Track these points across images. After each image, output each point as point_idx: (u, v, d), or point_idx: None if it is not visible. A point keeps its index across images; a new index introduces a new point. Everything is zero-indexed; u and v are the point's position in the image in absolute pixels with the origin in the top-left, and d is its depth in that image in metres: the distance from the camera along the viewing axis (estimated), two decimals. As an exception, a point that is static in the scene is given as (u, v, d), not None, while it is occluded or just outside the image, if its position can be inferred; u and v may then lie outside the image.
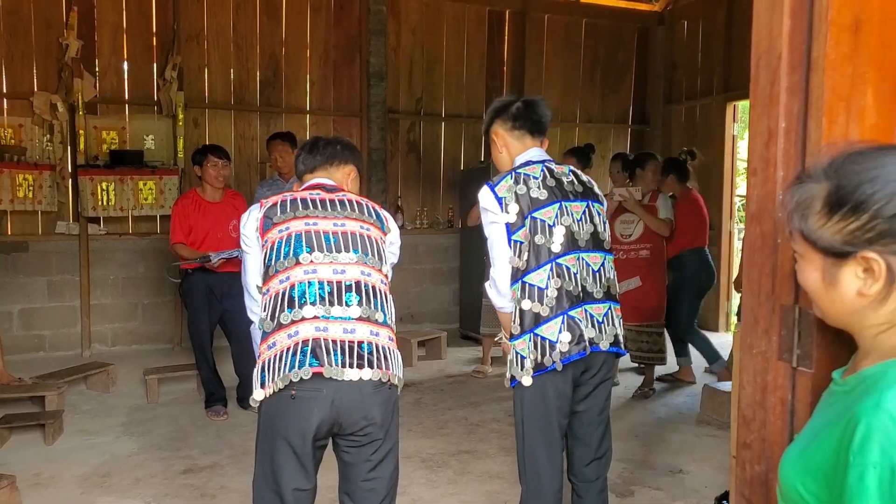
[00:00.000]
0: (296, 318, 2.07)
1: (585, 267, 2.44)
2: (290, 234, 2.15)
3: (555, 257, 2.36)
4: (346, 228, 2.21)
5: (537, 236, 2.35)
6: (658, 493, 3.59)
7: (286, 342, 2.06)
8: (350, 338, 2.09)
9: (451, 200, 7.68)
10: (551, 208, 2.38)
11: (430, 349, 6.43)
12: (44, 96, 6.06)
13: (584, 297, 2.42)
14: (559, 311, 2.35)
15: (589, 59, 8.17)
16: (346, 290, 2.12)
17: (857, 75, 1.16)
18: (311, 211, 2.20)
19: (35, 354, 6.12)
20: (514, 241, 2.37)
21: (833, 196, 1.02)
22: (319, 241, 2.15)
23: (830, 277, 1.05)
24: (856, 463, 0.94)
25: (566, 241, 2.38)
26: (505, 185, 2.39)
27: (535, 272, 2.35)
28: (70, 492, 3.54)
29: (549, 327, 2.34)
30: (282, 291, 2.10)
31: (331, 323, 2.07)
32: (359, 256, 2.18)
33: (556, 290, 2.35)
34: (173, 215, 4.77)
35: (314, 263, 2.12)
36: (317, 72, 7.09)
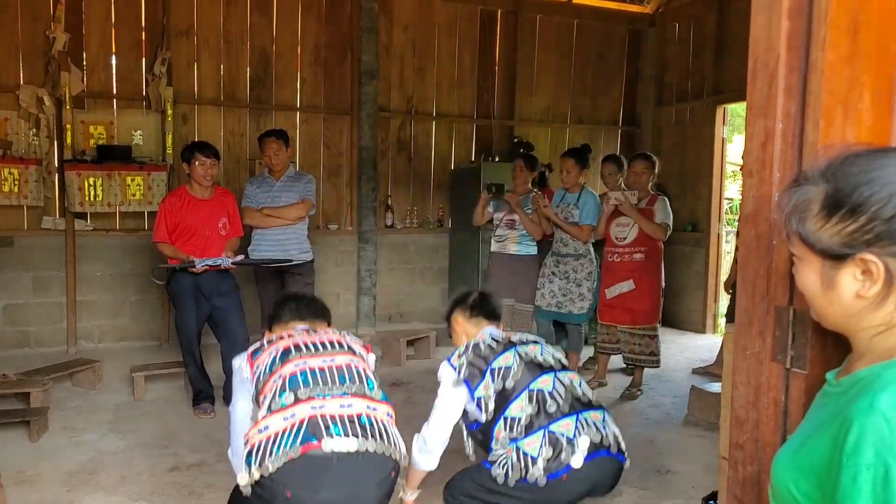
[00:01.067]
0: (289, 402, 2.08)
1: (568, 383, 2.63)
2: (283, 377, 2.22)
3: (526, 386, 2.54)
4: (331, 338, 2.41)
5: (499, 381, 2.56)
6: (646, 493, 3.60)
7: (282, 424, 2.06)
8: (347, 412, 2.11)
9: (441, 200, 7.67)
10: (506, 354, 2.63)
11: (419, 348, 6.42)
12: (30, 90, 5.99)
13: (577, 408, 2.57)
14: (538, 427, 2.48)
15: (580, 60, 8.18)
16: (339, 372, 2.20)
17: (854, 78, 1.16)
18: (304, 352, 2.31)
19: (20, 351, 6.06)
20: (479, 398, 2.59)
21: (831, 198, 1.02)
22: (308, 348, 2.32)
23: (828, 280, 1.05)
24: (849, 464, 0.94)
25: (532, 370, 2.59)
26: (457, 355, 2.70)
27: (511, 405, 2.52)
28: (55, 489, 3.51)
29: (529, 442, 2.46)
30: (276, 387, 2.15)
31: (326, 400, 2.10)
32: (343, 350, 2.37)
33: (533, 412, 2.51)
34: (159, 212, 4.73)
35: (304, 357, 2.24)
36: (307, 69, 7.06)
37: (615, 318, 5.14)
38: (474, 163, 7.40)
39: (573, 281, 5.30)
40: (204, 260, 4.54)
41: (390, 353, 6.21)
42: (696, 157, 7.71)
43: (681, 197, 7.66)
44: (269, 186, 5.21)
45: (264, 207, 5.13)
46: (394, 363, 6.07)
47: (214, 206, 4.75)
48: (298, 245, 5.22)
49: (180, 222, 4.65)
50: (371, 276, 7.23)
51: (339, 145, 7.22)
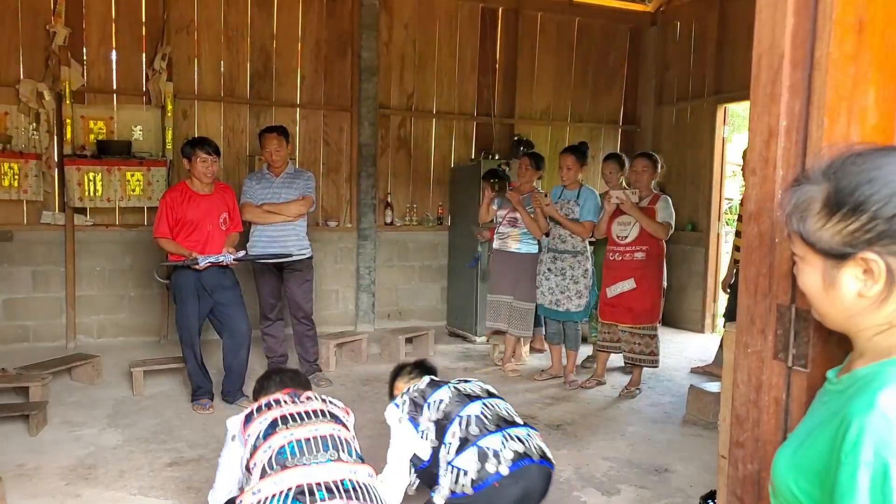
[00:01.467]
0: (279, 470, 2.28)
1: (496, 406, 2.91)
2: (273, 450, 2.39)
3: (457, 413, 2.82)
4: (315, 407, 2.60)
5: (435, 412, 2.87)
6: (644, 492, 3.60)
7: (272, 489, 2.23)
8: (332, 478, 2.29)
9: (440, 198, 7.67)
10: (441, 390, 2.95)
11: (417, 345, 6.42)
12: (30, 84, 5.98)
13: (503, 425, 2.81)
14: (468, 445, 2.72)
15: (581, 58, 8.17)
16: (322, 441, 2.42)
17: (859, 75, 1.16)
18: (291, 423, 2.49)
19: (19, 345, 6.06)
20: (422, 431, 2.88)
21: (832, 197, 1.02)
22: (294, 419, 2.50)
23: (830, 279, 1.05)
24: (848, 462, 0.94)
25: (463, 400, 2.88)
26: (400, 397, 3.04)
27: (447, 432, 2.79)
28: (54, 483, 3.50)
29: (461, 459, 2.70)
30: (266, 458, 2.35)
31: (312, 468, 2.29)
32: (326, 419, 2.55)
33: (462, 435, 2.76)
34: (160, 208, 4.72)
35: (290, 429, 2.43)
36: (308, 65, 7.06)
37: (616, 317, 5.14)
38: (474, 161, 7.39)
39: (570, 278, 5.30)
40: (207, 257, 4.55)
41: (389, 350, 6.21)
42: (696, 156, 7.71)
43: (680, 196, 7.65)
44: (268, 182, 5.20)
45: (264, 203, 5.13)
46: (392, 360, 6.06)
47: (215, 201, 4.75)
48: (298, 241, 5.21)
49: (181, 217, 4.64)
50: (370, 273, 7.23)
51: (339, 142, 7.22)
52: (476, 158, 7.45)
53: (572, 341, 5.46)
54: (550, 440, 3.25)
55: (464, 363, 6.12)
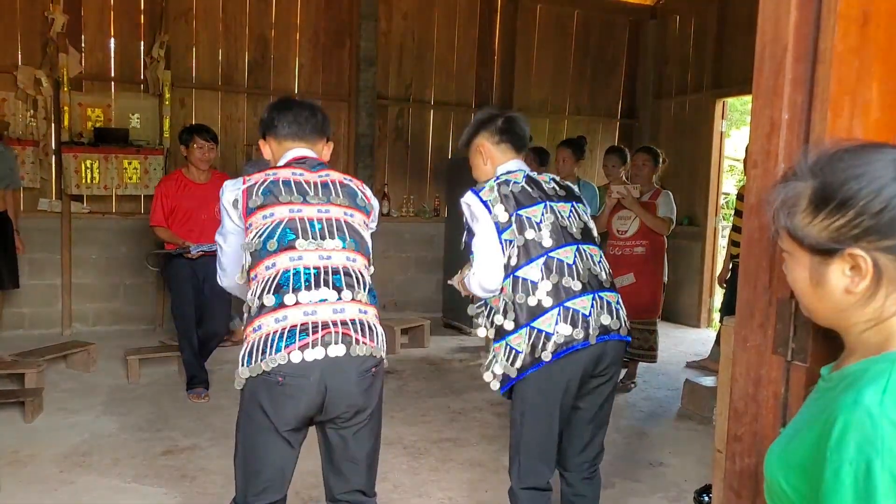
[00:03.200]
0: (283, 303, 2.06)
1: (589, 258, 2.47)
2: (274, 220, 2.14)
3: (546, 251, 2.38)
4: (331, 215, 2.21)
5: (527, 232, 2.39)
6: (638, 485, 3.61)
7: (273, 326, 2.05)
8: (340, 317, 2.10)
9: (438, 189, 7.66)
10: (537, 208, 2.44)
11: (413, 337, 6.42)
12: (28, 71, 5.96)
13: (595, 286, 2.43)
14: (555, 304, 2.34)
15: (580, 51, 8.16)
16: (334, 273, 2.13)
17: (863, 69, 1.15)
18: (296, 196, 2.18)
19: (15, 332, 6.04)
20: (504, 241, 2.41)
21: (819, 193, 1.02)
22: (304, 228, 2.14)
23: (818, 276, 1.05)
24: (833, 458, 0.94)
25: (557, 236, 2.41)
26: (488, 190, 2.46)
27: (526, 266, 2.37)
28: (49, 470, 3.50)
29: (545, 320, 2.34)
30: (269, 277, 2.10)
31: (319, 306, 2.08)
32: (344, 243, 2.19)
33: (550, 283, 2.35)
34: (155, 196, 4.70)
35: (299, 250, 2.11)
36: (306, 55, 7.03)
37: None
38: (472, 152, 7.36)
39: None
40: (199, 245, 4.53)
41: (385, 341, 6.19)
42: (693, 150, 7.70)
43: (678, 191, 7.58)
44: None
45: None
46: (388, 351, 6.04)
47: (211, 190, 4.71)
48: None
49: (177, 206, 4.62)
50: (367, 264, 7.21)
51: (337, 132, 7.19)
52: (474, 150, 7.42)
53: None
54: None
55: (459, 355, 6.13)
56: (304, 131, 2.34)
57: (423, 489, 3.48)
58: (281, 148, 2.35)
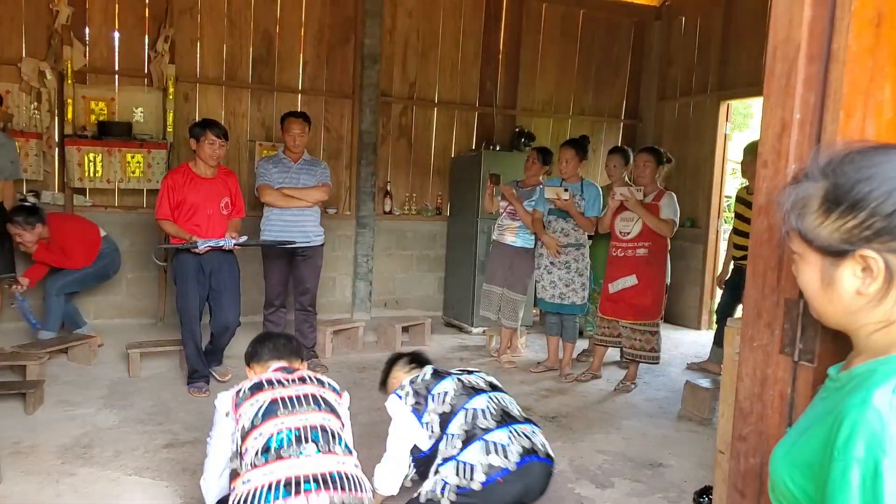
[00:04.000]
0: (270, 460, 2.37)
1: (501, 400, 3.00)
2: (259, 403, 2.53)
3: (462, 405, 2.91)
4: (307, 391, 2.62)
5: (440, 405, 2.93)
6: (638, 486, 3.61)
7: (261, 479, 2.33)
8: (320, 470, 2.38)
9: (440, 188, 7.65)
10: (445, 381, 3.01)
11: (413, 335, 6.42)
12: (32, 63, 5.95)
13: (509, 420, 2.90)
14: (475, 438, 2.81)
15: (584, 51, 8.15)
16: (312, 430, 2.47)
17: (876, 69, 1.15)
18: (276, 387, 2.59)
19: (17, 324, 6.03)
20: (426, 423, 2.95)
21: (830, 195, 1.01)
22: (285, 403, 2.54)
23: (829, 277, 1.05)
24: (840, 458, 0.95)
25: (467, 392, 2.97)
26: (401, 388, 3.08)
27: (451, 423, 2.88)
28: (50, 462, 3.50)
29: (468, 453, 2.78)
30: (257, 446, 2.41)
31: (300, 459, 2.38)
32: (318, 407, 2.58)
33: (469, 428, 2.85)
34: (161, 189, 4.68)
35: (281, 417, 2.48)
36: (310, 51, 7.02)
37: (618, 312, 5.12)
38: (475, 151, 7.37)
39: (574, 271, 5.30)
40: (207, 241, 4.52)
41: (385, 339, 6.21)
42: (697, 152, 7.70)
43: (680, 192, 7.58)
44: (286, 167, 5.18)
45: (283, 187, 5.11)
46: (388, 349, 6.07)
47: (217, 185, 4.72)
48: (315, 227, 5.22)
49: (182, 200, 4.61)
50: (368, 261, 7.23)
51: (340, 129, 7.19)
52: (477, 149, 7.43)
53: (570, 334, 5.46)
54: (545, 432, 3.25)
55: (459, 354, 6.13)
56: (281, 354, 2.86)
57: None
58: (264, 368, 2.81)
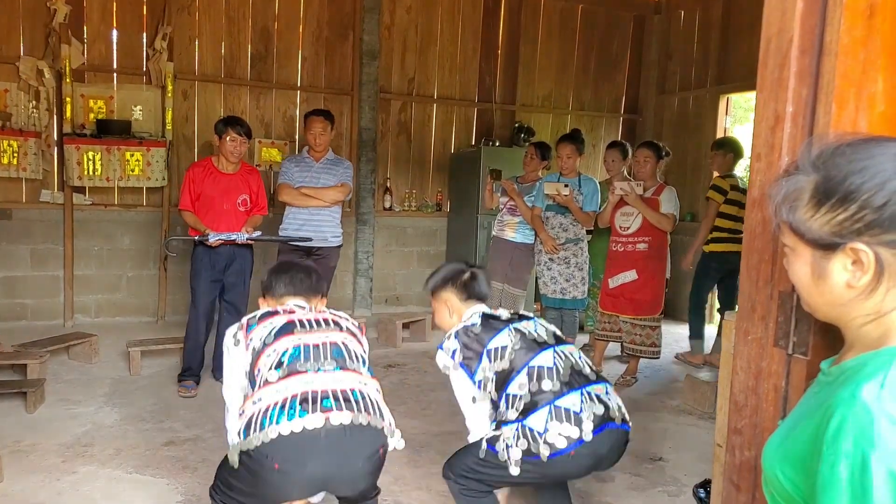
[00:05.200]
0: (283, 375, 2.11)
1: (569, 356, 2.59)
2: (274, 324, 2.31)
3: (526, 363, 2.50)
4: (325, 317, 2.40)
5: (501, 361, 2.52)
6: (638, 480, 3.62)
7: (274, 397, 2.09)
8: (340, 386, 2.14)
9: (440, 184, 7.65)
10: (502, 334, 2.57)
11: (414, 331, 6.43)
12: (30, 61, 5.95)
13: (580, 382, 2.52)
14: (541, 404, 2.43)
15: (584, 46, 8.14)
16: (333, 347, 2.22)
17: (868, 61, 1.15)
18: (298, 329, 2.32)
19: (17, 323, 6.05)
20: (479, 381, 2.56)
21: (821, 187, 1.02)
22: (301, 323, 2.33)
23: (819, 270, 1.05)
24: (829, 452, 0.95)
25: (529, 347, 2.54)
26: (451, 338, 2.64)
27: (512, 383, 2.49)
28: (51, 460, 3.51)
29: (535, 419, 2.42)
30: (269, 362, 2.18)
31: (318, 375, 2.13)
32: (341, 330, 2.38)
33: (531, 391, 2.46)
34: (184, 181, 4.75)
35: (297, 334, 2.25)
36: (309, 48, 7.02)
37: (618, 307, 5.11)
38: (474, 147, 7.37)
39: (574, 266, 5.30)
40: (219, 234, 4.54)
41: (386, 335, 6.21)
42: (697, 146, 7.69)
43: (681, 186, 7.61)
44: (308, 166, 5.18)
45: (302, 186, 5.11)
46: (389, 345, 6.07)
47: (236, 181, 4.74)
48: (332, 228, 5.21)
49: (201, 193, 4.67)
50: (368, 258, 7.23)
51: (339, 126, 7.17)
52: (476, 145, 7.43)
53: (569, 329, 5.46)
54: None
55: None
56: (298, 289, 2.56)
57: (424, 482, 3.49)
58: (279, 303, 2.53)
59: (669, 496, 3.46)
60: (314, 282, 2.60)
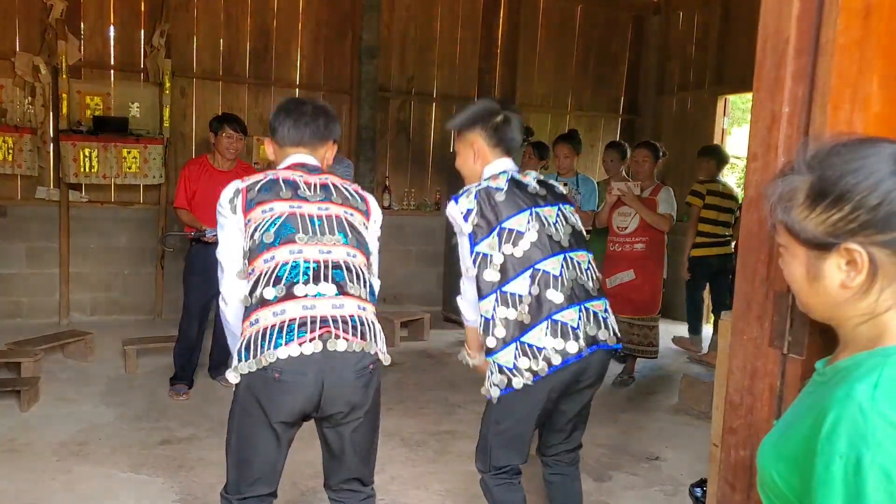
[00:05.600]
0: (281, 296, 2.05)
1: (576, 266, 2.40)
2: (273, 215, 2.13)
3: (532, 264, 2.32)
4: (331, 212, 2.20)
5: (511, 246, 2.32)
6: (635, 479, 3.62)
7: (271, 319, 2.04)
8: (339, 313, 2.09)
9: (439, 182, 7.65)
10: (522, 216, 2.34)
11: (413, 330, 6.42)
12: (26, 57, 5.93)
13: (581, 296, 2.37)
14: (541, 318, 2.29)
15: (583, 46, 8.13)
16: (334, 268, 2.12)
17: (864, 62, 1.15)
18: (295, 193, 2.17)
19: (12, 321, 6.03)
20: (483, 254, 2.34)
21: (816, 187, 1.02)
22: (304, 223, 2.14)
23: (814, 270, 1.05)
24: (824, 452, 0.95)
25: (543, 246, 2.34)
26: (466, 198, 2.38)
27: (513, 281, 2.31)
28: (45, 459, 3.51)
29: (533, 334, 2.29)
30: (266, 270, 2.08)
31: (317, 300, 2.07)
32: (345, 239, 2.18)
33: (534, 297, 2.30)
34: (179, 179, 4.76)
35: (299, 244, 2.10)
36: (308, 46, 7.01)
37: (615, 307, 5.07)
38: (473, 146, 7.35)
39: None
40: (214, 230, 4.53)
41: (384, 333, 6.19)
42: (695, 147, 7.65)
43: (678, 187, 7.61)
44: None
45: None
46: (388, 344, 6.03)
47: (232, 178, 4.70)
48: None
49: (197, 190, 4.67)
50: (366, 256, 7.21)
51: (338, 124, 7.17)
52: (475, 144, 7.41)
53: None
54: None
55: (458, 349, 6.10)
56: (303, 137, 2.30)
57: (421, 481, 3.49)
58: (282, 153, 2.34)
59: (666, 496, 3.46)
60: (322, 126, 2.32)
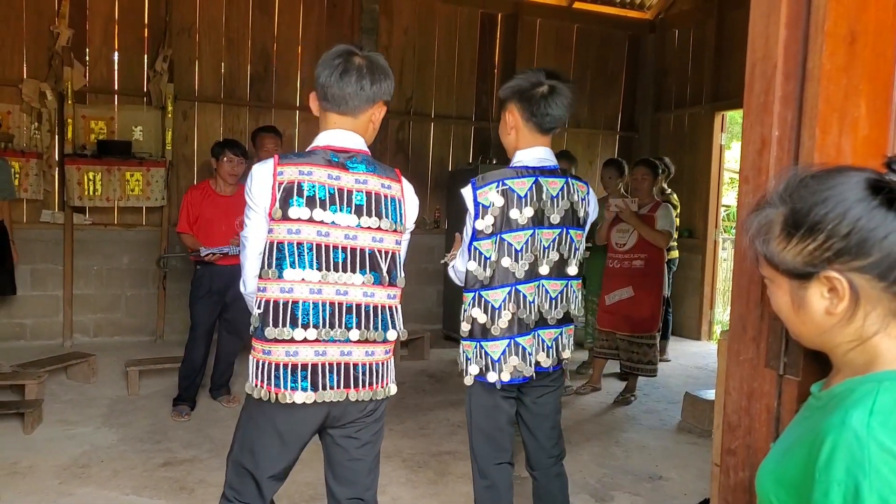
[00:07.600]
0: (297, 338, 2.05)
1: (544, 294, 2.48)
2: (300, 240, 2.04)
3: (515, 283, 2.39)
4: (357, 243, 2.11)
5: (504, 259, 2.37)
6: (637, 499, 3.61)
7: (284, 358, 2.06)
8: (346, 360, 2.12)
9: (438, 201, 7.68)
10: (523, 234, 2.37)
11: (413, 349, 6.42)
12: (33, 84, 6.00)
13: (538, 323, 2.49)
14: (507, 335, 2.42)
15: (579, 64, 8.20)
16: (347, 313, 2.11)
17: (851, 86, 1.17)
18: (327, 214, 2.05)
19: (16, 343, 6.05)
20: (479, 252, 2.38)
21: (790, 219, 1.05)
22: (328, 259, 2.07)
23: (799, 300, 1.08)
24: (821, 479, 0.96)
25: (531, 269, 2.41)
26: (487, 192, 2.36)
27: (493, 290, 2.40)
28: (48, 482, 3.51)
29: (494, 346, 2.42)
30: (282, 302, 2.06)
31: (329, 346, 2.09)
32: (365, 277, 2.14)
33: (509, 314, 2.41)
34: (182, 204, 4.80)
35: (320, 283, 2.07)
36: (308, 68, 7.06)
37: (615, 325, 5.12)
38: (472, 165, 7.39)
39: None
40: (211, 248, 4.57)
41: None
42: (693, 163, 7.73)
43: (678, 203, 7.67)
44: None
45: None
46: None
47: (235, 202, 4.75)
48: None
49: (199, 215, 4.70)
50: (368, 276, 7.22)
51: (339, 145, 7.21)
52: (474, 163, 7.45)
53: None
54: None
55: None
56: (346, 100, 2.06)
57: (422, 502, 3.48)
58: (322, 116, 2.13)
59: (668, 515, 3.45)
60: (367, 86, 2.05)
